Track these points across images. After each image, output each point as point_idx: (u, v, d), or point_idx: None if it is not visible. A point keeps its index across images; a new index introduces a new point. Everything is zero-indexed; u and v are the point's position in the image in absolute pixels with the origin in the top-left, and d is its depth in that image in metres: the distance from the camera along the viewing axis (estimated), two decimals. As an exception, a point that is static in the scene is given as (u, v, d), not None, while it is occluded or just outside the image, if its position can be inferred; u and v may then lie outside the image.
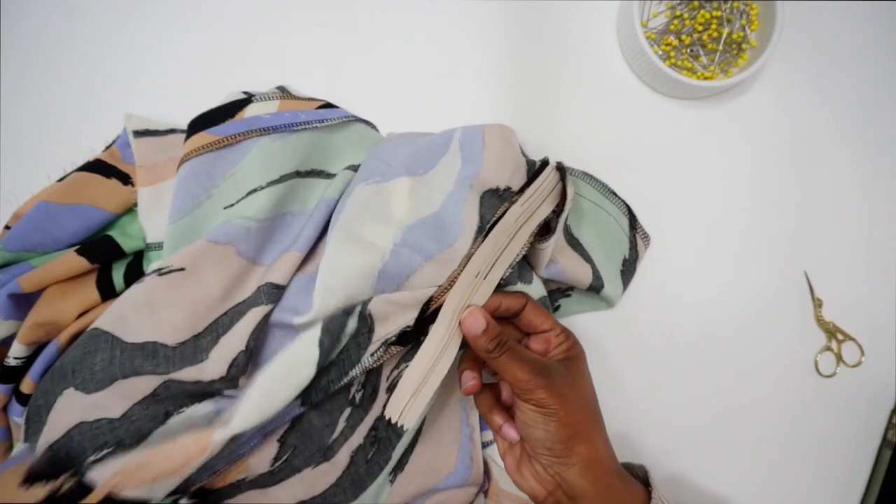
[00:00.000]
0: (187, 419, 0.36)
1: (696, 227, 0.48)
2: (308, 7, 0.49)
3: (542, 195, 0.39)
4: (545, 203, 0.39)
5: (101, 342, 0.36)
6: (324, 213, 0.41)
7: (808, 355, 0.48)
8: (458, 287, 0.36)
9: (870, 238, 0.48)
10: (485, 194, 0.40)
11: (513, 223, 0.38)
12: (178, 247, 0.39)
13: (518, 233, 0.38)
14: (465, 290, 0.36)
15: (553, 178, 0.41)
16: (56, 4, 0.48)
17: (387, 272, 0.38)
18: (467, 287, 0.36)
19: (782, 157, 0.49)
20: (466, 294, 0.36)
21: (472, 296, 0.36)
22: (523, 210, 0.38)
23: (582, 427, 0.34)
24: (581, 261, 0.43)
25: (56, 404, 0.35)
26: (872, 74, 0.50)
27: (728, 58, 0.48)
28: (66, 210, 0.40)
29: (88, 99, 0.47)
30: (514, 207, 0.38)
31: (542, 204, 0.39)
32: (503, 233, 0.38)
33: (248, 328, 0.38)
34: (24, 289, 0.37)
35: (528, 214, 0.38)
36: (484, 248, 0.37)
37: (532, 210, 0.39)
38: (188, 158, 0.40)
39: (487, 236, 0.37)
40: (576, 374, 0.35)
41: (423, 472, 0.41)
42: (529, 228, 0.38)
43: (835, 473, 0.47)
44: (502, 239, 0.38)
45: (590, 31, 0.49)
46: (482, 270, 0.37)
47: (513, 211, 0.38)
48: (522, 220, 0.38)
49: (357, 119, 0.46)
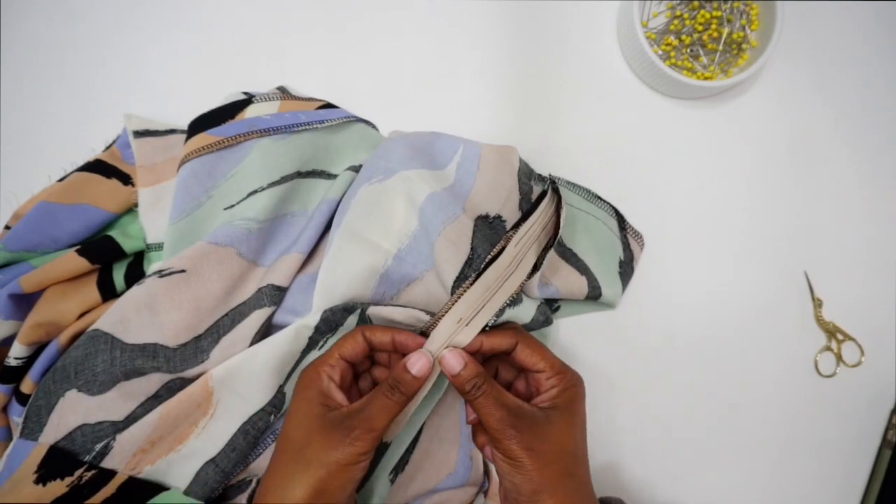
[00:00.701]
0: None
1: (695, 226, 0.48)
2: (308, 7, 0.49)
3: (534, 235, 0.38)
4: (535, 246, 0.38)
5: (101, 343, 0.36)
6: (325, 214, 0.41)
7: (808, 355, 0.48)
8: (439, 330, 0.35)
9: (870, 238, 0.48)
10: (477, 220, 0.39)
11: (505, 268, 0.37)
12: (179, 247, 0.39)
13: (510, 278, 0.37)
14: (443, 335, 0.35)
15: (549, 210, 0.40)
16: (56, 5, 0.48)
17: (388, 277, 0.38)
18: (447, 332, 0.35)
19: (782, 157, 0.49)
20: (445, 340, 0.35)
21: (452, 339, 0.35)
22: (517, 252, 0.37)
23: (549, 483, 0.30)
24: (576, 274, 0.43)
25: (58, 405, 0.35)
26: (872, 74, 0.50)
27: (728, 58, 0.48)
28: (66, 210, 0.40)
29: (88, 99, 0.47)
30: (509, 249, 0.37)
31: (532, 247, 0.38)
32: (494, 278, 0.36)
33: (251, 329, 0.38)
34: (24, 289, 0.37)
35: (521, 257, 0.37)
36: (471, 294, 0.36)
37: (524, 253, 0.37)
38: (189, 159, 0.40)
39: (478, 279, 0.36)
40: (558, 425, 0.32)
41: (423, 472, 0.41)
42: (521, 274, 0.37)
43: (835, 473, 0.47)
44: (493, 284, 0.36)
45: (590, 31, 0.49)
46: (465, 316, 0.35)
47: (507, 253, 0.37)
48: (515, 265, 0.37)
49: (357, 119, 0.46)
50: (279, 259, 0.40)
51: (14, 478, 0.34)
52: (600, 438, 0.45)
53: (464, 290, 0.36)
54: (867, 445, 0.47)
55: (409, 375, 0.33)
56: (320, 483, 0.29)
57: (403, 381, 0.32)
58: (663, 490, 0.46)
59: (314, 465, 0.29)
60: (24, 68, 0.47)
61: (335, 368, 0.33)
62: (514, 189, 0.41)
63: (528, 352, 0.35)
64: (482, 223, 0.39)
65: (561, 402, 0.33)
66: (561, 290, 0.42)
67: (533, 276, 0.38)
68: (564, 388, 0.33)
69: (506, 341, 0.35)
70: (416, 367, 0.33)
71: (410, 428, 0.40)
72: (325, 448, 0.30)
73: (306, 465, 0.30)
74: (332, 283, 0.38)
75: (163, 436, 0.36)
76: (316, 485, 0.29)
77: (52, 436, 0.35)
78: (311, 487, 0.29)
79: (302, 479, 0.29)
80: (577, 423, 0.33)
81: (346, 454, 0.29)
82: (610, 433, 0.46)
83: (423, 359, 0.33)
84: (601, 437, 0.45)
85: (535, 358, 0.34)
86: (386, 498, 0.39)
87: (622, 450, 0.46)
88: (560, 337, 0.46)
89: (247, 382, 0.37)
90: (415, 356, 0.33)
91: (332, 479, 0.29)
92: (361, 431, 0.30)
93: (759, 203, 0.49)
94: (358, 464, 0.30)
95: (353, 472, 0.30)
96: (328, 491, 0.29)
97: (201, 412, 0.37)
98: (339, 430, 0.30)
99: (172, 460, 0.36)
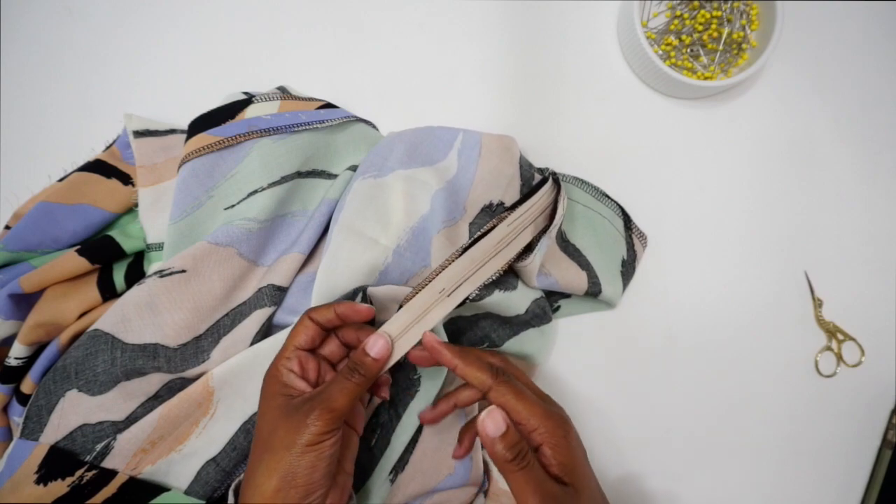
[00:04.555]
0: None
1: (696, 227, 0.48)
2: (308, 7, 0.49)
3: (531, 217, 0.38)
4: (530, 227, 0.38)
5: (102, 343, 0.36)
6: (325, 214, 0.41)
7: (808, 355, 0.48)
8: (418, 300, 0.35)
9: (870, 238, 0.48)
10: (478, 215, 0.39)
11: (493, 246, 0.37)
12: (179, 247, 0.39)
13: (497, 255, 0.37)
14: (422, 305, 0.35)
15: (547, 197, 0.40)
16: (56, 5, 0.48)
17: (388, 273, 0.38)
18: (426, 301, 0.35)
19: (782, 157, 0.49)
20: (424, 308, 0.35)
21: (431, 310, 0.35)
22: (509, 231, 0.37)
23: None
24: (576, 268, 0.43)
25: (59, 405, 0.35)
26: (872, 74, 0.50)
27: (728, 58, 0.48)
28: (66, 210, 0.40)
29: (88, 99, 0.47)
30: (500, 227, 0.37)
31: (528, 228, 0.38)
32: (481, 252, 0.36)
33: (252, 329, 0.38)
34: (24, 289, 0.37)
35: (512, 237, 0.37)
36: (456, 266, 0.36)
37: (518, 232, 0.37)
38: (189, 159, 0.40)
39: (464, 253, 0.36)
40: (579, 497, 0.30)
41: (424, 472, 0.41)
42: (510, 252, 0.37)
43: (835, 473, 0.47)
44: (479, 258, 0.36)
45: (590, 31, 0.49)
46: (447, 287, 0.35)
47: (498, 231, 0.37)
48: (504, 244, 0.37)
49: (358, 119, 0.46)
50: (279, 259, 0.41)
51: (15, 478, 0.34)
52: (600, 438, 0.45)
53: (448, 262, 0.36)
54: (867, 445, 0.47)
55: (368, 358, 0.33)
56: (289, 467, 0.29)
57: (363, 364, 0.32)
58: (663, 489, 0.46)
59: (279, 450, 0.30)
60: (23, 68, 0.47)
61: (292, 360, 0.33)
62: (515, 177, 0.41)
63: (507, 398, 0.32)
64: (483, 213, 0.39)
65: (566, 462, 0.31)
66: (560, 281, 0.42)
67: (527, 259, 0.38)
68: (556, 444, 0.31)
69: (472, 396, 0.36)
70: (375, 350, 0.33)
71: (410, 428, 0.40)
72: (288, 432, 0.30)
73: (273, 452, 0.30)
74: (331, 282, 0.38)
75: (163, 436, 0.36)
76: (285, 469, 0.29)
77: (53, 436, 0.35)
78: (281, 472, 0.29)
79: (270, 465, 0.30)
80: (591, 486, 0.32)
81: (308, 435, 0.29)
82: (609, 433, 0.46)
83: (381, 340, 0.33)
84: (601, 438, 0.45)
85: (528, 412, 0.31)
86: (386, 498, 0.39)
87: (622, 450, 0.46)
88: (560, 337, 0.46)
89: (247, 382, 0.37)
90: (373, 338, 0.33)
91: (300, 461, 0.29)
92: (321, 412, 0.30)
93: (760, 203, 0.49)
94: (322, 443, 0.30)
95: (320, 450, 0.30)
96: (298, 473, 0.29)
97: (202, 412, 0.37)
98: (300, 412, 0.30)
99: (173, 460, 0.36)
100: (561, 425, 0.32)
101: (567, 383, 0.46)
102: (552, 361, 0.46)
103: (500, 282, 0.39)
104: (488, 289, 0.36)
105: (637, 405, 0.46)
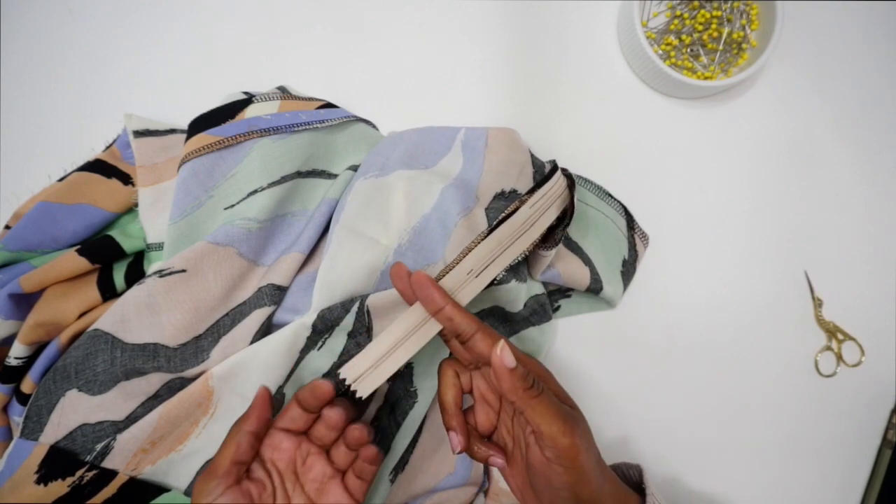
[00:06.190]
0: None
1: (696, 227, 0.48)
2: (308, 7, 0.49)
3: (550, 199, 0.38)
4: (552, 208, 0.38)
5: (102, 343, 0.36)
6: (325, 214, 0.41)
7: (808, 355, 0.48)
8: (448, 279, 0.35)
9: (870, 238, 0.48)
10: (492, 201, 0.39)
11: (519, 225, 0.37)
12: (179, 247, 0.39)
13: (523, 236, 0.37)
14: (453, 285, 0.35)
15: (561, 184, 0.40)
16: (56, 5, 0.48)
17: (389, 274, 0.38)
18: (456, 282, 0.35)
19: (782, 157, 0.49)
20: (454, 288, 0.35)
21: (459, 291, 0.35)
22: (532, 213, 0.37)
23: (587, 473, 0.30)
24: (579, 263, 0.43)
25: (59, 405, 0.35)
26: (872, 74, 0.50)
27: (728, 58, 0.48)
28: (66, 210, 0.40)
29: (88, 99, 0.47)
30: (524, 209, 0.37)
31: (550, 209, 0.38)
32: (507, 234, 0.36)
33: (251, 329, 0.38)
34: (24, 289, 0.37)
35: (535, 218, 0.37)
36: (483, 247, 0.36)
37: (540, 213, 0.37)
38: (189, 159, 0.40)
39: (491, 234, 0.36)
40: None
41: (423, 471, 0.41)
42: (535, 233, 0.37)
43: (835, 473, 0.47)
44: (506, 240, 0.36)
45: (590, 31, 0.49)
46: (476, 268, 0.35)
47: (522, 212, 0.37)
48: (529, 224, 0.37)
49: (358, 119, 0.46)
50: (279, 259, 0.40)
51: (15, 478, 0.34)
52: (600, 437, 0.45)
53: (475, 243, 0.36)
54: (867, 445, 0.47)
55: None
56: None
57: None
58: (663, 489, 0.46)
59: None
60: (23, 68, 0.47)
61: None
62: (527, 163, 0.42)
63: (494, 338, 0.32)
64: (497, 199, 0.39)
65: (559, 393, 0.34)
66: (563, 275, 0.42)
67: (552, 249, 0.38)
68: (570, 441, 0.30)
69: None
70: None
71: (410, 433, 0.40)
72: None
73: None
74: (332, 281, 0.38)
75: (163, 436, 0.36)
76: None
77: (53, 436, 0.35)
78: None
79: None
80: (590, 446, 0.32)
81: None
82: (610, 433, 0.46)
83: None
84: (601, 437, 0.45)
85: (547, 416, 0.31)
86: (386, 498, 0.40)
87: (622, 449, 0.46)
88: (560, 337, 0.47)
89: (247, 382, 0.37)
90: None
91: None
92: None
93: (760, 203, 0.49)
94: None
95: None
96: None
97: (202, 411, 0.37)
98: None
99: (173, 460, 0.36)
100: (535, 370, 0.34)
101: (567, 383, 0.46)
102: (552, 361, 0.46)
103: (517, 270, 0.39)
104: (511, 272, 0.37)
105: (637, 405, 0.46)
